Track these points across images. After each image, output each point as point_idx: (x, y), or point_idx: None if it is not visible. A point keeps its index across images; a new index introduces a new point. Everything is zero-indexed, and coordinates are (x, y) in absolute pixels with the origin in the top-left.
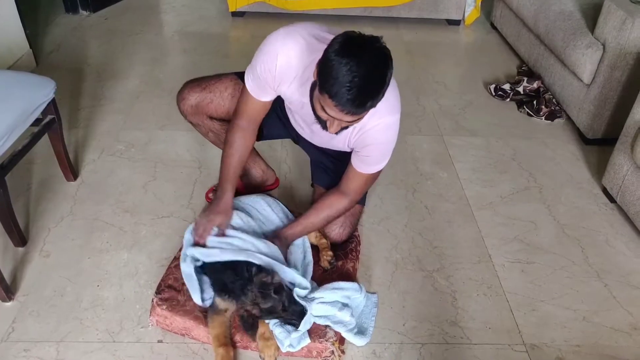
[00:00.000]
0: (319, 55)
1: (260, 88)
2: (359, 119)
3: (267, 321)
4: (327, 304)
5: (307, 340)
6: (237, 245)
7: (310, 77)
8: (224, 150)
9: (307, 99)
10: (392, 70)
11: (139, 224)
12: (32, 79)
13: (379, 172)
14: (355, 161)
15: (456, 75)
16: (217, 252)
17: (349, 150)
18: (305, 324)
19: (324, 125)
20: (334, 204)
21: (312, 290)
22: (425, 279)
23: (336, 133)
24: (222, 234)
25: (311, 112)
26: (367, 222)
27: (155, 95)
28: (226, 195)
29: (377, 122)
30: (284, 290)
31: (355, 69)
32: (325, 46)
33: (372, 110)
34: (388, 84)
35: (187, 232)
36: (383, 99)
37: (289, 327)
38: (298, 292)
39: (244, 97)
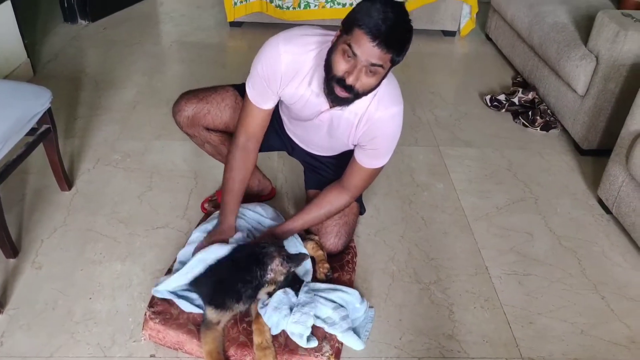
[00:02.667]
0: (323, 47)
1: (263, 94)
2: (381, 67)
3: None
4: (326, 300)
5: (315, 343)
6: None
7: (317, 71)
8: (225, 173)
9: (314, 89)
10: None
11: (134, 235)
12: (28, 88)
13: (381, 167)
14: (360, 156)
15: (452, 86)
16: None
17: (351, 146)
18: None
19: (341, 83)
20: (334, 200)
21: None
22: (422, 291)
23: (346, 101)
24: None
25: (316, 102)
26: (363, 233)
27: (153, 105)
28: (228, 219)
29: (382, 112)
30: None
31: (388, 10)
32: (327, 38)
33: (376, 102)
34: (410, 40)
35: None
36: (386, 91)
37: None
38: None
39: (246, 109)
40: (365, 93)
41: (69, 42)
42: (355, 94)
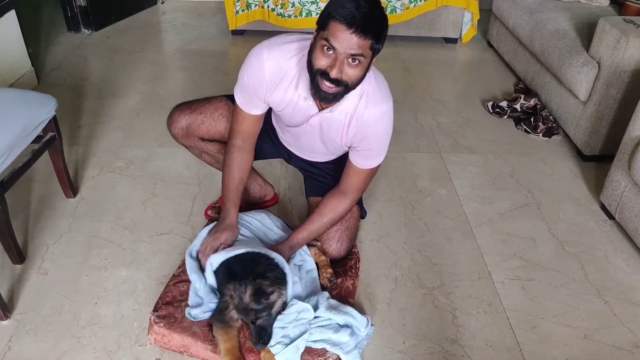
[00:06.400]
0: (305, 51)
1: (250, 102)
2: (362, 56)
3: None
4: (324, 327)
5: None
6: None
7: (302, 74)
8: (223, 172)
9: (302, 92)
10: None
11: (138, 241)
12: (34, 96)
13: (378, 167)
14: (354, 158)
15: (454, 93)
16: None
17: (345, 148)
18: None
19: (326, 76)
20: (336, 207)
21: (319, 306)
22: (425, 296)
23: (334, 96)
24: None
25: (305, 106)
26: (366, 238)
27: (156, 113)
28: (230, 214)
29: (372, 111)
30: (271, 307)
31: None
32: (306, 43)
33: (365, 100)
34: (386, 26)
35: (189, 254)
36: (373, 88)
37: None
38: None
39: (236, 115)
40: (354, 85)
41: (72, 51)
42: (345, 87)
